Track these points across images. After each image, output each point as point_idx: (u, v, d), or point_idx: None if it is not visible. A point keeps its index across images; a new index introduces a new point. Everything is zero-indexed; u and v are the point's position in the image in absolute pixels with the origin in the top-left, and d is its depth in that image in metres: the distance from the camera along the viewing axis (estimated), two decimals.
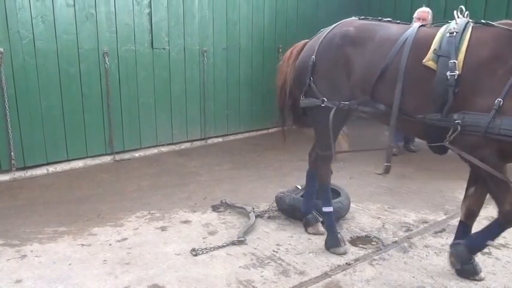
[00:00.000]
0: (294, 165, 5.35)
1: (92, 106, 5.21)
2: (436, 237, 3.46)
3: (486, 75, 2.29)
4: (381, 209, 4.00)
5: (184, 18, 5.80)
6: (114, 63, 5.30)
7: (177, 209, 3.98)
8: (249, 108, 6.76)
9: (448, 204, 4.14)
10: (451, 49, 2.36)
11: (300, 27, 7.12)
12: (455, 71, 2.32)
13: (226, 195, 4.21)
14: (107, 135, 5.37)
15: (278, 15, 6.80)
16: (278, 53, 6.88)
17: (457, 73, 2.32)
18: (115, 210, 3.95)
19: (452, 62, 2.34)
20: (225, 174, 5.01)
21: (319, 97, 2.92)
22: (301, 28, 7.14)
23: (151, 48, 5.57)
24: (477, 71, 2.31)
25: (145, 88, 5.60)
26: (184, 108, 6.03)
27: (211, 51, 6.14)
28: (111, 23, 5.19)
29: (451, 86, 2.34)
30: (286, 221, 3.72)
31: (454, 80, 2.32)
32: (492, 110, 2.23)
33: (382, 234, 3.51)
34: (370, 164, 5.32)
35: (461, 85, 2.34)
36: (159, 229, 3.57)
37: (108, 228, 3.58)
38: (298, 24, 7.08)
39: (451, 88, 2.33)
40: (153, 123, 5.75)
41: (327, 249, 3.17)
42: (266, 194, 4.30)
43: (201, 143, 6.28)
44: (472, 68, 2.32)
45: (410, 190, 4.51)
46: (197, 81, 6.08)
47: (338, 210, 3.58)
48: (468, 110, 2.33)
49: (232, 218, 3.80)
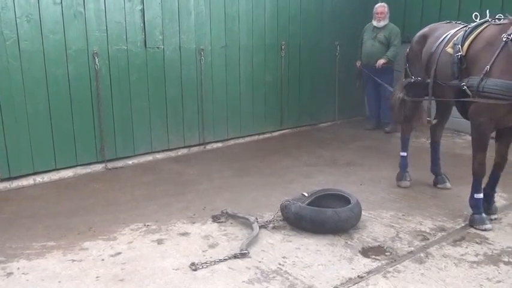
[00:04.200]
0: (300, 170, 5.35)
1: (82, 111, 5.22)
2: (455, 247, 3.45)
3: (482, 55, 3.57)
4: (394, 217, 3.99)
5: (180, 15, 5.82)
6: (104, 65, 5.32)
7: (174, 220, 3.98)
8: (250, 110, 6.77)
9: (467, 210, 4.11)
10: (461, 39, 3.76)
11: (303, 22, 7.15)
12: (459, 53, 3.72)
13: (227, 205, 4.21)
14: (97, 142, 5.38)
15: (280, 10, 6.83)
16: (281, 50, 6.91)
17: (461, 54, 3.71)
18: (107, 222, 3.94)
19: (458, 47, 3.74)
20: (226, 182, 5.01)
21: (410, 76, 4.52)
22: (305, 23, 7.17)
23: (144, 48, 5.59)
24: (476, 53, 3.63)
25: (138, 90, 5.62)
26: (181, 111, 6.05)
27: (209, 49, 6.16)
28: (101, 22, 5.21)
29: (455, 63, 3.75)
30: (292, 231, 3.71)
31: (458, 59, 3.73)
32: (482, 74, 3.50)
33: (396, 244, 3.50)
34: (382, 169, 5.32)
35: (466, 62, 3.69)
36: (156, 242, 3.56)
37: (100, 242, 3.58)
38: (301, 20, 7.11)
39: (456, 64, 3.75)
40: (147, 128, 5.77)
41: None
42: (270, 203, 4.30)
43: (199, 148, 6.29)
44: (473, 51, 3.66)
45: (426, 196, 4.50)
46: (194, 82, 6.09)
47: (348, 219, 3.58)
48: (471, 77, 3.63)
49: (234, 229, 3.79)
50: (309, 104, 7.52)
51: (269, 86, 6.95)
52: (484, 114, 3.55)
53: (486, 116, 3.55)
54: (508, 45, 3.41)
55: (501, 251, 3.36)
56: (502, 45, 3.44)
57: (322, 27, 7.43)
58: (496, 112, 3.49)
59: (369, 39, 7.15)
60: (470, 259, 3.26)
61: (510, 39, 3.40)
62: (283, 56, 6.97)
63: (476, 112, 3.61)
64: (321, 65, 7.53)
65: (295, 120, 7.39)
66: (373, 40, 7.11)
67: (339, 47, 7.58)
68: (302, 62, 7.29)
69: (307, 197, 3.91)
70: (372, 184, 4.86)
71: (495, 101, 3.42)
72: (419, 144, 6.34)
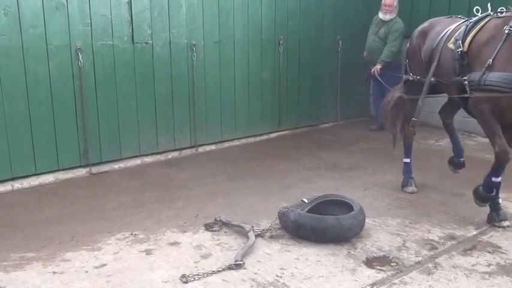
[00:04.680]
0: (299, 175, 5.36)
1: (64, 111, 5.21)
2: (466, 256, 3.45)
3: (484, 49, 3.72)
4: (401, 225, 4.00)
5: (170, 8, 5.82)
6: (89, 61, 5.30)
7: (164, 228, 3.97)
8: (246, 110, 6.77)
9: (479, 217, 4.13)
10: (463, 34, 3.92)
11: (303, 16, 7.15)
12: (460, 49, 3.88)
13: (221, 212, 4.20)
14: (81, 145, 5.37)
15: (278, 3, 6.83)
16: (279, 45, 6.91)
17: (461, 50, 3.87)
18: (92, 231, 3.93)
19: (459, 42, 3.90)
20: (220, 187, 5.00)
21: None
22: (305, 17, 7.18)
23: (131, 43, 5.59)
24: (477, 48, 3.79)
25: (125, 89, 5.61)
26: (171, 111, 6.04)
27: (201, 45, 6.16)
28: (85, 15, 5.20)
29: (456, 59, 3.92)
30: (290, 240, 3.71)
31: (458, 54, 3.90)
32: (484, 68, 3.65)
33: (402, 253, 3.50)
34: (387, 173, 5.33)
35: (467, 58, 3.85)
36: (144, 253, 3.55)
37: (83, 252, 3.56)
38: (301, 13, 7.12)
39: (458, 60, 3.91)
40: (135, 129, 5.76)
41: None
42: (267, 210, 4.30)
43: (191, 151, 6.28)
44: (475, 46, 3.81)
45: (435, 202, 4.51)
46: (185, 80, 6.09)
47: (350, 227, 3.58)
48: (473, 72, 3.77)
49: (229, 238, 3.79)
50: (309, 103, 7.53)
51: (266, 84, 6.95)
52: (483, 103, 3.73)
53: (486, 104, 3.72)
54: (510, 37, 3.57)
55: None
56: (504, 37, 3.60)
57: (323, 21, 7.44)
58: (496, 104, 3.66)
59: (372, 34, 7.18)
60: (481, 270, 3.26)
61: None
62: (282, 52, 6.97)
63: (476, 101, 3.78)
64: (321, 62, 7.53)
65: (294, 120, 7.39)
66: (374, 35, 7.12)
67: (341, 42, 7.59)
68: (301, 59, 7.30)
69: (307, 203, 3.91)
70: (377, 189, 4.87)
71: (496, 94, 3.60)
72: (427, 146, 6.35)
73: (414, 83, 4.52)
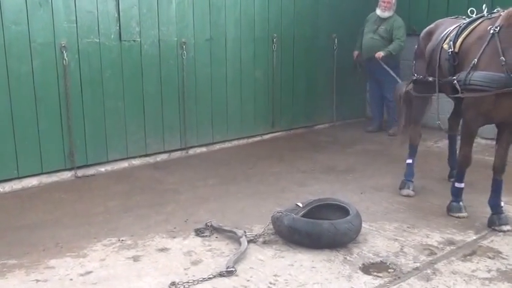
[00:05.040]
0: (294, 178, 5.37)
1: (48, 111, 5.19)
2: (465, 262, 3.47)
3: (471, 50, 3.97)
4: (398, 229, 4.02)
5: (159, 4, 5.82)
6: (74, 59, 5.29)
7: (152, 234, 3.96)
8: (238, 111, 6.78)
9: (479, 221, 4.16)
10: (455, 36, 4.18)
11: (298, 13, 7.18)
12: (451, 49, 4.15)
13: (212, 217, 4.20)
14: (66, 147, 5.35)
15: (272, 0, 6.84)
16: (272, 43, 6.93)
17: (452, 50, 4.13)
18: (77, 237, 3.91)
19: (451, 43, 4.17)
20: (211, 191, 5.00)
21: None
22: (299, 14, 7.21)
23: (119, 41, 5.58)
24: (466, 49, 4.04)
25: (112, 89, 5.60)
26: (160, 112, 6.04)
27: (192, 43, 6.16)
28: (70, 11, 5.19)
29: (448, 59, 4.19)
30: (284, 246, 3.71)
31: (449, 55, 4.17)
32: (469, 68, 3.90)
33: (400, 259, 3.51)
34: (385, 176, 5.36)
35: (458, 58, 4.12)
36: (131, 259, 3.54)
37: (68, 259, 3.55)
38: (295, 10, 7.14)
39: (448, 60, 4.20)
40: (122, 131, 5.75)
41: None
42: (260, 214, 4.30)
43: (180, 153, 6.28)
44: (464, 47, 4.07)
45: (433, 205, 4.53)
46: (175, 79, 6.09)
47: (346, 232, 3.59)
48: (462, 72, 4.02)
49: (220, 244, 3.79)
50: (304, 104, 7.55)
51: (259, 84, 6.96)
52: (470, 109, 4.00)
53: (473, 111, 3.98)
54: (494, 37, 3.79)
55: None
56: (489, 37, 3.83)
57: (318, 19, 7.47)
58: (482, 106, 3.89)
59: (369, 32, 7.20)
60: (482, 276, 3.28)
61: (497, 31, 3.77)
62: (275, 50, 6.99)
63: (465, 107, 4.08)
64: (317, 60, 7.56)
65: (288, 121, 7.41)
66: (373, 33, 7.15)
67: (336, 40, 7.62)
68: (296, 57, 7.32)
69: (302, 207, 3.92)
70: (374, 193, 4.89)
71: (480, 93, 3.82)
72: (425, 148, 6.38)
73: (422, 83, 4.71)
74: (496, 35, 3.78)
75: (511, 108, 3.81)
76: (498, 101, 3.78)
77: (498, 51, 3.73)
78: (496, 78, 3.71)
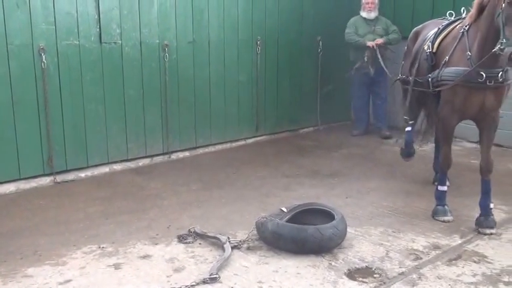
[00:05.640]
0: (278, 182, 5.38)
1: (26, 115, 5.14)
2: (451, 266, 3.51)
3: (445, 49, 4.30)
4: (384, 234, 4.04)
5: (140, 6, 5.80)
6: (53, 62, 5.25)
7: (134, 241, 3.94)
8: (222, 114, 6.78)
9: (464, 225, 4.22)
10: (433, 37, 4.52)
11: (282, 15, 7.21)
12: (429, 49, 4.48)
13: (195, 223, 4.19)
14: (45, 152, 5.30)
15: (255, 2, 6.87)
16: (256, 46, 6.94)
17: (430, 51, 4.46)
18: (56, 244, 3.88)
19: (429, 44, 4.50)
20: (194, 196, 4.99)
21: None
22: (283, 17, 7.24)
23: (99, 43, 5.55)
24: (442, 49, 4.36)
25: (92, 92, 5.57)
26: (142, 116, 6.01)
27: (174, 45, 6.15)
28: (49, 12, 5.15)
29: (426, 59, 4.52)
30: (269, 252, 3.72)
31: (427, 55, 4.50)
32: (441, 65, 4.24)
33: (385, 264, 3.54)
34: (370, 180, 5.39)
35: (435, 58, 4.43)
36: (112, 267, 3.52)
37: (47, 267, 3.51)
38: (279, 13, 7.17)
39: (427, 60, 4.51)
40: (102, 135, 5.71)
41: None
42: (244, 220, 4.30)
43: (163, 158, 6.26)
44: (441, 48, 4.40)
45: (419, 210, 4.57)
46: (157, 82, 6.07)
47: (331, 237, 3.60)
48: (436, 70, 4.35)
49: (203, 250, 3.78)
50: (288, 107, 7.57)
51: (243, 87, 6.97)
52: (445, 106, 4.23)
53: (447, 108, 4.21)
54: (464, 36, 4.12)
55: (501, 271, 3.44)
56: (460, 36, 4.17)
57: (303, 22, 7.50)
58: (455, 102, 4.12)
59: (369, 34, 7.15)
60: (467, 280, 3.32)
61: (466, 30, 4.10)
62: (259, 53, 7.01)
63: (440, 106, 4.33)
64: (301, 63, 7.59)
65: (272, 125, 7.43)
66: (372, 34, 7.14)
67: (321, 43, 7.66)
68: (280, 60, 7.34)
69: (286, 212, 3.93)
70: (359, 197, 4.91)
71: (445, 87, 4.16)
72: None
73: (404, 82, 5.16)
74: (465, 33, 4.11)
75: (482, 102, 4.01)
76: (469, 96, 4.02)
77: (466, 48, 4.04)
78: (461, 72, 3.98)
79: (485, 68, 3.87)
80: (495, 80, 3.91)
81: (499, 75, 3.89)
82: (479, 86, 3.94)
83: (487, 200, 4.14)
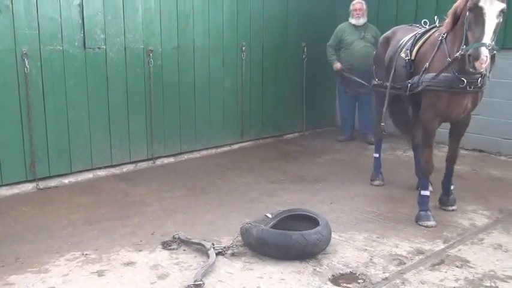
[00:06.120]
0: (263, 188, 5.39)
1: (8, 121, 5.10)
2: (434, 271, 3.55)
3: (424, 56, 4.44)
4: (368, 240, 4.08)
5: (125, 11, 5.80)
6: (36, 67, 5.22)
7: (117, 247, 3.92)
8: (207, 120, 6.79)
9: (447, 230, 4.27)
10: (410, 45, 4.67)
11: (267, 21, 7.24)
12: (407, 57, 4.62)
13: (179, 229, 4.19)
14: (27, 158, 5.26)
15: (240, 7, 6.90)
16: (241, 52, 6.97)
17: (409, 58, 4.60)
18: (38, 252, 3.85)
19: (407, 52, 4.64)
20: (178, 202, 4.98)
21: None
22: (268, 23, 7.27)
23: (83, 48, 5.53)
24: (420, 56, 4.51)
25: (76, 98, 5.54)
26: (126, 122, 6.00)
27: (159, 51, 6.15)
28: (32, 17, 5.12)
29: (405, 66, 4.65)
30: (253, 258, 3.72)
31: (406, 62, 4.64)
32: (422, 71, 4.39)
33: (369, 270, 3.56)
34: (355, 185, 5.43)
35: (414, 65, 4.58)
36: (95, 274, 3.50)
37: (29, 275, 3.48)
38: (264, 19, 7.21)
39: (406, 67, 4.64)
40: (86, 141, 5.68)
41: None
42: (229, 226, 4.31)
43: (147, 164, 6.24)
44: (419, 55, 4.54)
45: (402, 215, 4.62)
46: (141, 88, 6.06)
47: (316, 243, 3.63)
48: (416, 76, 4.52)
49: (188, 256, 3.77)
50: (274, 113, 7.61)
51: (228, 93, 6.99)
52: (427, 110, 4.40)
53: (430, 112, 4.37)
54: (442, 43, 4.28)
55: (483, 275, 3.49)
56: (438, 44, 4.32)
57: (288, 27, 7.56)
58: (437, 107, 4.31)
59: (358, 40, 7.19)
60: (450, 285, 3.36)
61: (444, 37, 4.27)
62: (244, 58, 7.04)
63: (422, 111, 4.47)
64: (286, 69, 7.64)
65: (257, 131, 7.45)
66: (362, 40, 7.18)
67: (306, 49, 7.72)
68: (265, 66, 7.38)
69: (271, 218, 3.94)
70: (343, 202, 4.95)
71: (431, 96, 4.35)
72: (395, 158, 6.51)
73: (381, 87, 5.27)
74: (444, 40, 4.27)
75: (462, 105, 4.27)
76: (451, 100, 4.22)
77: (446, 54, 4.20)
78: (442, 78, 4.17)
79: (463, 74, 4.06)
80: (474, 86, 4.12)
81: (478, 80, 4.10)
82: (461, 91, 4.16)
83: (449, 182, 4.69)
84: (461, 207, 4.76)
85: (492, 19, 3.81)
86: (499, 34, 6.29)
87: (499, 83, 6.43)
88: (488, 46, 3.76)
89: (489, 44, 3.77)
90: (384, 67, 5.18)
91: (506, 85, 6.52)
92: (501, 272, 3.53)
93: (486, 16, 3.80)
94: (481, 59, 3.73)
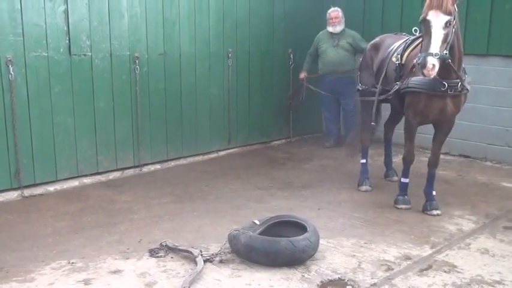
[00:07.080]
0: (250, 195, 5.39)
1: None
2: (422, 277, 3.57)
3: (411, 61, 4.63)
4: (356, 245, 4.09)
5: (111, 17, 5.79)
6: (20, 74, 5.19)
7: (104, 255, 3.90)
8: (194, 127, 6.78)
9: (434, 235, 4.30)
10: (401, 50, 4.98)
11: (253, 28, 7.26)
12: (398, 61, 4.92)
13: (167, 236, 4.17)
14: (12, 165, 5.22)
15: (226, 14, 6.91)
16: (228, 58, 6.98)
17: (399, 62, 4.91)
18: (23, 260, 3.81)
19: (398, 56, 4.95)
20: (165, 209, 4.97)
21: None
22: (255, 29, 7.29)
23: (68, 55, 5.51)
24: (409, 61, 4.77)
25: (61, 105, 5.51)
26: (112, 128, 5.97)
27: (145, 57, 6.14)
28: (16, 24, 5.09)
29: (395, 70, 4.94)
30: (241, 264, 3.72)
31: (396, 66, 4.93)
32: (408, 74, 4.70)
33: (358, 275, 3.58)
34: (342, 191, 5.46)
35: (403, 69, 4.87)
36: (82, 283, 3.47)
37: (14, 284, 3.45)
38: (251, 25, 7.23)
39: (395, 71, 4.94)
40: (72, 148, 5.65)
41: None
42: (217, 233, 4.30)
43: (134, 171, 6.21)
44: (408, 60, 4.82)
45: (390, 220, 4.65)
46: (128, 94, 6.04)
47: (304, 249, 3.63)
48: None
49: (175, 264, 3.76)
50: (260, 119, 7.62)
51: (215, 99, 6.99)
52: (409, 109, 4.76)
53: (411, 110, 4.74)
54: None
55: (470, 280, 3.52)
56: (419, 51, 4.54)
57: (274, 34, 7.59)
58: (417, 106, 4.67)
59: (330, 47, 7.30)
60: None
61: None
62: (231, 65, 7.05)
63: (406, 108, 4.83)
64: (273, 76, 7.66)
65: (244, 137, 7.46)
66: (335, 48, 7.29)
67: (292, 56, 7.76)
68: (252, 72, 7.40)
69: (259, 225, 3.94)
70: (331, 208, 4.97)
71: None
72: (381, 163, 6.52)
73: (366, 92, 5.49)
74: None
75: (439, 107, 4.60)
76: (429, 102, 4.58)
77: None
78: (425, 81, 4.46)
79: (442, 79, 4.41)
80: (455, 89, 4.50)
81: (458, 85, 4.50)
82: (440, 94, 4.51)
83: (431, 188, 4.86)
84: (447, 212, 4.81)
85: (439, 30, 4.17)
86: (483, 41, 6.60)
87: (484, 89, 6.53)
88: (435, 55, 4.11)
89: (436, 53, 4.12)
90: (370, 72, 5.46)
91: (490, 91, 6.61)
92: (488, 277, 3.56)
93: (433, 28, 4.18)
94: (427, 67, 4.10)
